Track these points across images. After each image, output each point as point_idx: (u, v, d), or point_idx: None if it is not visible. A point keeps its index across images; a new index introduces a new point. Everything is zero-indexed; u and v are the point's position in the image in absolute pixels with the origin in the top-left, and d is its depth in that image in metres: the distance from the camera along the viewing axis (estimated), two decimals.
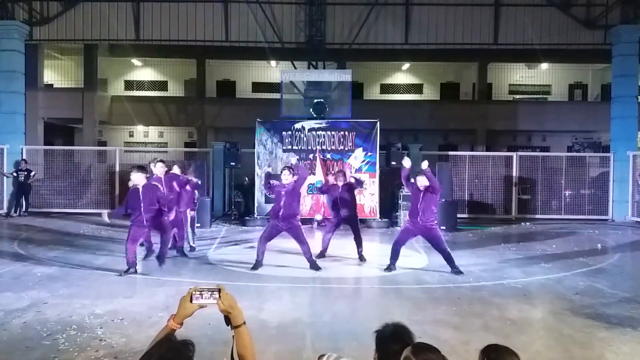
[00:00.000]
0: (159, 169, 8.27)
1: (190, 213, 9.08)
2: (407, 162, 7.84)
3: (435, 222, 7.67)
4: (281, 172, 7.92)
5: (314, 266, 7.75)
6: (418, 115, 20.56)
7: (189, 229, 9.05)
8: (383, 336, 2.36)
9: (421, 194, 7.51)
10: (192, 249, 9.11)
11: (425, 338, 4.42)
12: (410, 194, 8.11)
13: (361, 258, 8.56)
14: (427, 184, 7.46)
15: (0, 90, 14.61)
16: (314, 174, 12.33)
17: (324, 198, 10.97)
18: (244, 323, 1.95)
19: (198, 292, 1.88)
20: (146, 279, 7.25)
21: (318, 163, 11.89)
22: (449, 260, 7.62)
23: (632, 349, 4.70)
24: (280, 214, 7.56)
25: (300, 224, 7.84)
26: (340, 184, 8.78)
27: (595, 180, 14.89)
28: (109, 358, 4.37)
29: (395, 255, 7.75)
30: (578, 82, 23.95)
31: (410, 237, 7.86)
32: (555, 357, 4.56)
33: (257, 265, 7.74)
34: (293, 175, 7.71)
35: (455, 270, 7.57)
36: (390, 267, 7.74)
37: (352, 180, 9.27)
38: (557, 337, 5.01)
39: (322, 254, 8.63)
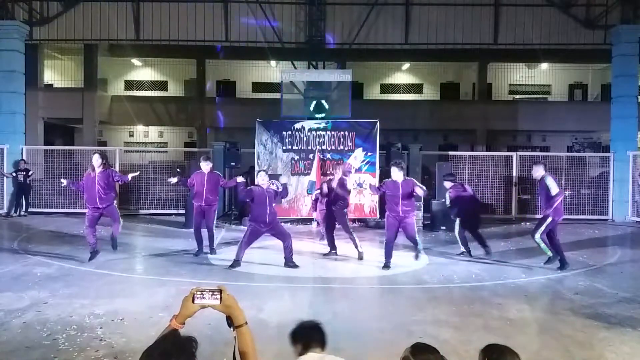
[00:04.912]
0: (96, 161, 8.27)
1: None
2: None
3: (413, 213, 7.91)
4: (258, 173, 8.26)
5: (291, 263, 7.90)
6: (418, 115, 20.58)
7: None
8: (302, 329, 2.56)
9: (400, 186, 7.70)
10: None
11: (425, 338, 4.43)
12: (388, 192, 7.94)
13: (360, 257, 8.57)
14: (402, 179, 7.73)
15: (0, 90, 14.59)
16: (308, 174, 12.31)
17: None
18: (246, 323, 1.95)
19: (200, 293, 1.89)
20: (146, 279, 7.25)
21: (315, 163, 11.72)
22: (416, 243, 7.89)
23: (632, 349, 4.70)
24: (268, 220, 7.73)
25: (279, 220, 8.32)
26: (337, 176, 8.89)
27: (595, 180, 14.88)
28: (109, 358, 4.37)
29: (389, 253, 7.92)
30: (578, 82, 23.97)
31: (396, 229, 7.91)
32: (555, 357, 4.56)
33: (235, 264, 7.81)
34: (273, 183, 8.11)
35: (417, 254, 7.95)
36: (387, 265, 7.91)
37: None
38: (557, 337, 5.01)
39: (333, 253, 8.84)
